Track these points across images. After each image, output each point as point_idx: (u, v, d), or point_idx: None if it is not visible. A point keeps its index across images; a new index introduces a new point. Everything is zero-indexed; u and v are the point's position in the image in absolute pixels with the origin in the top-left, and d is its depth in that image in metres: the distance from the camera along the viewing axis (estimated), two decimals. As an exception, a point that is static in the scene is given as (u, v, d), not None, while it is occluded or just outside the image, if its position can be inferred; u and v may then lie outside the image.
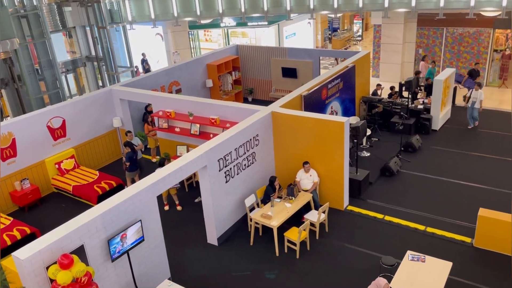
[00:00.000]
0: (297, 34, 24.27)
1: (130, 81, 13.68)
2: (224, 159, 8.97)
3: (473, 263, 8.24)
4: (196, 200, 10.86)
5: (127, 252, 7.08)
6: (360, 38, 29.63)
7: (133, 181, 10.93)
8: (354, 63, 13.87)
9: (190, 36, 21.89)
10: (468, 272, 7.97)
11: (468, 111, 13.74)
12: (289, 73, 16.52)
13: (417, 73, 15.54)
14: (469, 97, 13.70)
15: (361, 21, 29.46)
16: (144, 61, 19.85)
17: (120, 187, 11.16)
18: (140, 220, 7.20)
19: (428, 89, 14.81)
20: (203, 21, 17.82)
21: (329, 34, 28.47)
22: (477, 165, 11.70)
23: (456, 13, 16.16)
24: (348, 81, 13.60)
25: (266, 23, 20.58)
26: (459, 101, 15.62)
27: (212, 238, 9.30)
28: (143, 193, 7.29)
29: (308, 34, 25.56)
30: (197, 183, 10.55)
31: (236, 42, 21.28)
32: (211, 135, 10.52)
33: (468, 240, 8.81)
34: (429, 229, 9.25)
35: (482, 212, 8.50)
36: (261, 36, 22.78)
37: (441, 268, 7.17)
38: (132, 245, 7.13)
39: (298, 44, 23.68)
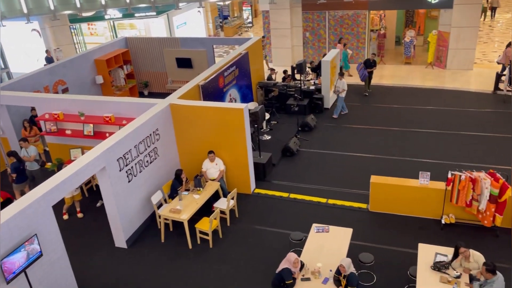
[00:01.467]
0: (188, 24, 23.91)
1: (6, 84, 12.31)
2: (124, 158, 8.57)
3: (370, 226, 9.04)
4: (98, 204, 10.27)
5: (23, 271, 6.44)
6: (251, 25, 30.20)
7: (23, 193, 9.93)
8: (247, 50, 14.11)
9: (73, 30, 20.31)
10: (366, 235, 8.73)
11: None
12: (184, 63, 16.26)
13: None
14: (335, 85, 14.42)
15: (250, 8, 30.00)
16: (48, 59, 17.66)
17: (8, 201, 10.06)
18: (36, 234, 6.59)
19: (318, 70, 15.70)
20: (84, 14, 16.62)
21: (220, 22, 28.56)
22: (366, 136, 12.77)
23: (336, -3, 17.30)
24: (243, 68, 13.82)
25: (154, 13, 19.90)
26: (350, 81, 16.80)
27: (120, 241, 8.89)
28: (35, 204, 6.66)
29: (200, 23, 25.34)
30: (97, 186, 9.96)
31: (124, 34, 20.29)
32: (107, 135, 9.96)
33: (364, 206, 9.62)
34: (330, 201, 9.91)
35: (374, 179, 9.33)
36: (151, 27, 22.01)
37: (343, 235, 7.74)
38: (29, 262, 6.50)
39: (190, 33, 23.36)
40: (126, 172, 8.69)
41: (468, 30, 16.51)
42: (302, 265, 6.97)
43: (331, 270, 6.82)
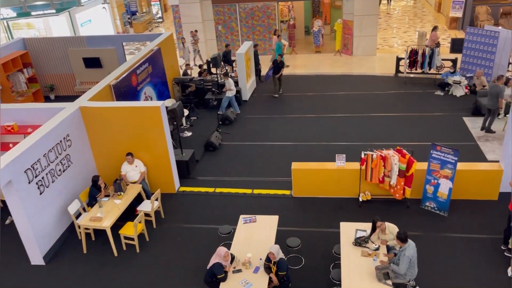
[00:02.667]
0: (94, 21, 22.65)
1: None
2: (32, 169, 7.92)
3: (295, 211, 9.36)
4: (7, 222, 9.41)
5: None
6: (161, 20, 29.42)
7: None
8: (159, 46, 13.73)
9: (-41, 33, 18.26)
10: (292, 220, 9.02)
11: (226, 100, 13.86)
12: (92, 63, 15.38)
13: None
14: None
15: (158, 2, 29.18)
16: None
17: None
18: None
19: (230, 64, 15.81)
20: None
21: (129, 18, 27.45)
22: (285, 125, 13.13)
23: (244, -11, 17.47)
24: (157, 64, 13.44)
25: (53, 11, 18.53)
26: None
27: (36, 258, 8.24)
28: None
29: (106, 20, 24.13)
30: (4, 202, 9.11)
31: (21, 35, 18.65)
32: (11, 145, 9.13)
33: (288, 192, 9.92)
34: (256, 191, 10.07)
35: (294, 165, 9.64)
36: (52, 26, 20.49)
37: (270, 223, 7.92)
38: None
39: (96, 31, 22.15)
40: (37, 183, 8.04)
41: (369, 18, 17.64)
42: (233, 258, 7.01)
43: (261, 259, 6.95)
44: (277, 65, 14.68)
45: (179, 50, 18.36)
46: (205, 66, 16.01)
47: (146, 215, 8.99)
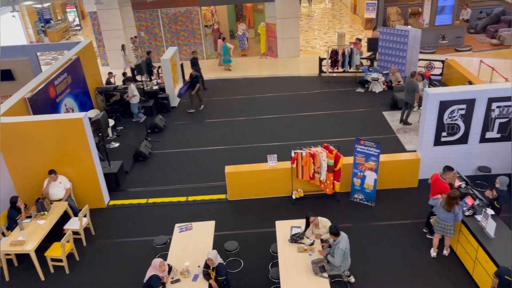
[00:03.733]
0: (2, 31, 20.98)
1: None
2: None
3: (230, 214, 9.36)
4: None
5: None
6: (79, 28, 28.02)
7: None
8: (78, 55, 13.06)
9: None
10: (228, 224, 9.01)
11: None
12: (4, 76, 14.25)
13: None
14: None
15: (75, 9, 27.77)
16: None
17: None
18: None
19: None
20: None
21: (42, 27, 25.81)
22: (216, 130, 13.09)
23: (165, -5, 17.18)
24: (76, 74, 12.77)
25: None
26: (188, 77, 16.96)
27: (-49, 293, 7.45)
28: None
29: (17, 29, 22.49)
30: None
31: None
32: None
33: (223, 196, 9.90)
34: (190, 198, 9.93)
35: (228, 169, 9.64)
36: (-47, 37, 18.67)
37: (207, 228, 7.84)
38: None
39: (6, 41, 20.54)
40: None
41: (291, 20, 18.17)
42: (170, 268, 6.84)
43: (199, 266, 6.86)
44: (193, 80, 13.89)
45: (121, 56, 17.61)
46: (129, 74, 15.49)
47: (75, 233, 8.49)
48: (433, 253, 7.84)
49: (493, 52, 17.37)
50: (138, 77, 15.09)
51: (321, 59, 16.52)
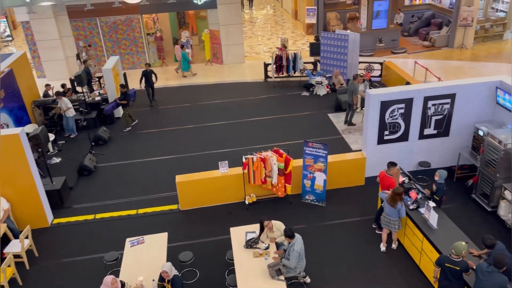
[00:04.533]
0: None
1: None
2: None
3: (184, 224, 9.20)
4: None
5: None
6: (10, 38, 26.46)
7: None
8: (10, 67, 12.32)
9: None
10: (182, 234, 8.85)
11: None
12: None
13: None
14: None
15: (5, 19, 26.19)
16: None
17: None
18: None
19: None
20: None
21: (-30, 38, 24.12)
22: (164, 139, 12.84)
23: (104, 2, 16.61)
24: (10, 87, 12.03)
25: None
26: (132, 86, 16.53)
27: None
28: None
29: None
30: None
31: None
32: None
33: (175, 207, 9.71)
34: (141, 211, 9.64)
35: (178, 178, 9.48)
36: None
37: (160, 241, 7.65)
38: None
39: None
40: None
41: (234, 27, 18.27)
42: (123, 285, 6.59)
43: (154, 280, 6.66)
44: (122, 97, 13.15)
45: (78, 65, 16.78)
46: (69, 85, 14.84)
47: (16, 256, 7.96)
48: (383, 247, 8.15)
49: (426, 54, 18.45)
50: (79, 89, 14.49)
51: (266, 65, 16.73)
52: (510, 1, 19.68)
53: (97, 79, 15.48)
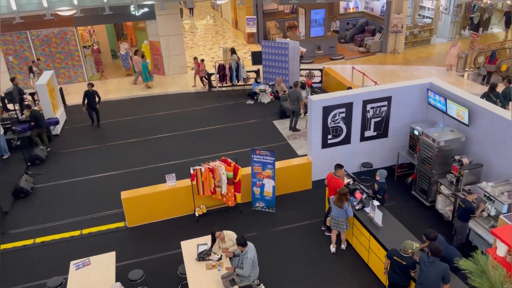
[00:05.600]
0: None
1: None
2: None
3: (132, 242, 8.89)
4: None
5: None
6: None
7: None
8: None
9: None
10: (131, 252, 8.55)
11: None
12: None
13: (12, 80, 14.25)
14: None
15: None
16: None
17: None
18: None
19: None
20: None
21: None
22: (107, 154, 12.38)
23: (34, 15, 15.80)
24: None
25: None
26: (70, 101, 15.84)
27: None
28: None
29: None
30: None
31: None
32: None
33: (122, 224, 9.37)
34: (85, 231, 9.21)
35: (124, 194, 9.16)
36: None
37: (107, 261, 7.33)
38: None
39: None
40: None
41: (175, 37, 18.09)
42: (70, 311, 6.24)
43: (103, 303, 6.37)
44: (32, 116, 12.32)
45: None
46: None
47: None
48: (332, 248, 8.36)
49: (362, 59, 19.32)
50: (10, 106, 13.63)
51: (209, 74, 16.69)
52: (434, 8, 21.16)
53: (26, 94, 14.60)
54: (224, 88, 16.55)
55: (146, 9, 17.31)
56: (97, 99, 13.79)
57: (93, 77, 18.57)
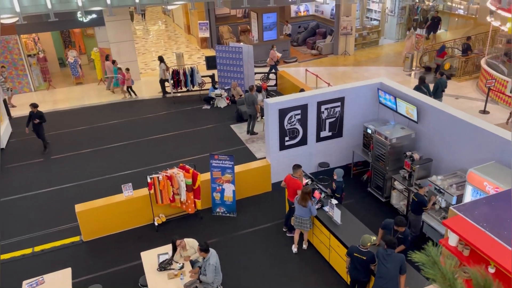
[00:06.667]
0: None
1: None
2: None
3: (89, 256, 8.57)
4: None
5: None
6: None
7: None
8: None
9: None
10: (88, 267, 8.24)
11: None
12: None
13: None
14: None
15: None
16: None
17: None
18: None
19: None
20: None
21: None
22: (58, 167, 11.85)
23: (-28, 23, 14.91)
24: None
25: None
26: (16, 112, 15.07)
27: None
28: None
29: None
30: None
31: None
32: None
33: (77, 238, 9.00)
34: (37, 248, 8.77)
35: (79, 207, 8.82)
36: None
37: (63, 278, 7.02)
38: None
39: None
40: None
41: (126, 44, 17.66)
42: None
43: (60, 323, 6.08)
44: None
45: None
46: None
47: None
48: (294, 249, 8.45)
49: (315, 61, 19.73)
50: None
51: (163, 81, 16.43)
52: (381, 11, 21.99)
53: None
54: (179, 94, 16.35)
55: (94, 15, 16.79)
56: (37, 121, 12.14)
57: (40, 87, 17.79)
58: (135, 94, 16.44)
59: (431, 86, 13.02)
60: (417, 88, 12.41)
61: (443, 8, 23.44)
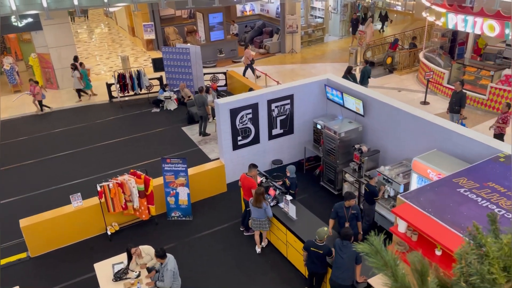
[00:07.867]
0: None
1: None
2: None
3: (37, 273, 8.14)
4: None
5: None
6: None
7: None
8: None
9: None
10: (36, 284, 7.83)
11: None
12: None
13: None
14: None
15: None
16: None
17: None
18: None
19: None
20: None
21: None
22: (1, 179, 11.20)
23: None
24: None
25: None
26: None
27: None
28: None
29: None
30: None
31: None
32: None
33: (24, 255, 8.53)
34: (-20, 269, 8.22)
35: (23, 222, 8.35)
36: None
37: (11, 298, 6.64)
38: None
39: None
40: None
41: (66, 48, 16.94)
42: None
43: None
44: None
45: None
46: None
47: None
48: (258, 249, 8.45)
49: (263, 60, 19.89)
50: None
51: (109, 85, 15.91)
52: (324, 8, 22.54)
53: None
54: (126, 98, 15.91)
55: (30, 19, 15.96)
56: None
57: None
58: (48, 107, 15.38)
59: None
60: (344, 77, 13.18)
61: (382, 5, 24.43)
